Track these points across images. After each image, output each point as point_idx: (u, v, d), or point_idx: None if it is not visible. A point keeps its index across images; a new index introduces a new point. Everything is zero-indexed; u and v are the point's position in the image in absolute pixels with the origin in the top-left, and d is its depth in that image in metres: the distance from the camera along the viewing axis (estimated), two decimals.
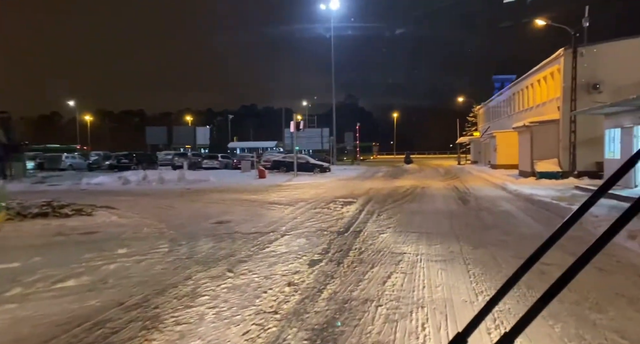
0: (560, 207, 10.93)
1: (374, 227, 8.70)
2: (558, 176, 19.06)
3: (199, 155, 35.82)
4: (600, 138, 19.00)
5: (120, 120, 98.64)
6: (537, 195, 13.79)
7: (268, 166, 31.07)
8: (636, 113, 12.74)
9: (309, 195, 15.67)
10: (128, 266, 5.70)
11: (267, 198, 14.53)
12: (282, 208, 11.86)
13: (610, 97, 17.48)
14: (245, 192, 16.86)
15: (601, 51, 18.68)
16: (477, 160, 41.28)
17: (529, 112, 25.19)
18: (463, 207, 11.85)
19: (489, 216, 10.04)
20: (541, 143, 20.30)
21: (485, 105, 42.30)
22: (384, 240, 7.36)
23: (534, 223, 9.15)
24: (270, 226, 9.02)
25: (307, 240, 7.45)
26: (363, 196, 14.71)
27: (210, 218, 10.21)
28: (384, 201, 13.13)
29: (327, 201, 13.19)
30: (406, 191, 16.64)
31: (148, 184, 21.18)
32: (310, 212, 11.00)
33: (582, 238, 6.48)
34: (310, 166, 29.45)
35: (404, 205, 12.39)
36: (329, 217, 10.10)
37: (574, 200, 12.44)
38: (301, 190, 17.58)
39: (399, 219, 9.72)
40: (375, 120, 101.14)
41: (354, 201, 13.26)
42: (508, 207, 11.80)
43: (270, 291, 4.57)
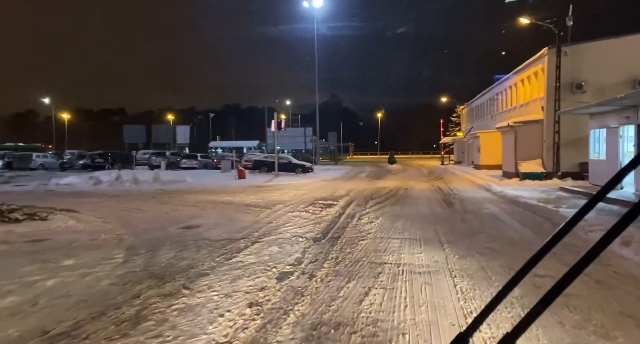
0: (547, 210, 10.54)
1: (353, 233, 8.11)
2: (542, 177, 18.84)
3: (178, 155, 34.72)
4: (584, 138, 18.84)
5: (100, 119, 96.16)
6: (522, 196, 13.43)
7: (249, 166, 30.29)
8: (622, 113, 12.46)
9: (289, 196, 15.03)
10: (69, 281, 4.97)
11: (244, 200, 13.83)
12: (258, 211, 11.19)
13: (594, 97, 17.30)
14: (222, 194, 16.11)
15: (585, 51, 18.52)
16: (460, 160, 41.21)
17: (513, 112, 25.03)
18: (447, 210, 11.37)
19: (474, 220, 9.56)
20: (525, 144, 20.07)
21: (469, 105, 42.28)
22: (364, 248, 6.77)
23: (522, 228, 8.69)
24: (242, 231, 8.36)
25: (280, 248, 6.81)
26: (344, 198, 14.14)
27: (179, 222, 9.48)
28: (365, 204, 12.57)
29: (307, 204, 12.57)
30: (389, 192, 16.13)
31: (121, 185, 20.21)
32: (287, 216, 10.36)
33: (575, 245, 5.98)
34: (292, 166, 28.77)
35: (386, 207, 11.85)
36: (307, 221, 9.48)
37: (560, 201, 12.10)
38: (281, 192, 16.92)
39: (380, 223, 9.16)
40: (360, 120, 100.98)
41: (335, 203, 12.67)
42: (493, 210, 11.37)
43: (228, 315, 3.92)
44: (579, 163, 18.74)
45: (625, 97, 10.58)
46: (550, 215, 9.92)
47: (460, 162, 40.85)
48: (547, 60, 18.94)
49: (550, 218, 9.65)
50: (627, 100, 10.89)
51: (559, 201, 12.10)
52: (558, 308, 4.01)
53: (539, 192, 14.94)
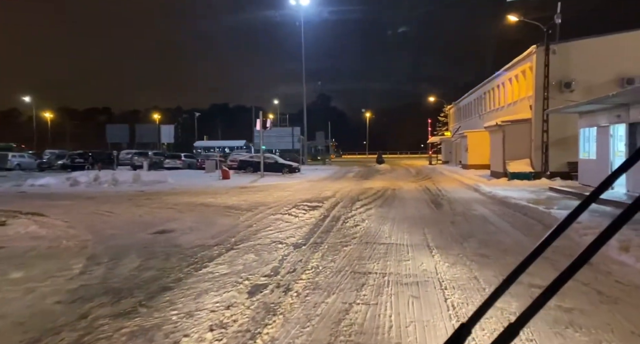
0: (539, 211, 10.18)
1: (337, 238, 7.61)
2: (530, 177, 18.61)
3: (161, 155, 33.84)
4: (572, 138, 18.66)
5: (85, 118, 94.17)
6: (511, 197, 13.09)
7: (234, 166, 29.64)
8: (612, 111, 12.19)
9: (273, 198, 14.48)
10: (10, 299, 4.37)
11: (226, 202, 13.24)
12: (238, 214, 10.63)
13: (583, 96, 17.10)
14: (204, 195, 15.49)
15: (573, 49, 18.32)
16: (448, 160, 41.07)
17: (500, 111, 24.83)
18: (436, 212, 10.94)
19: (464, 223, 9.14)
20: (513, 143, 19.83)
21: (456, 104, 42.16)
22: (347, 255, 6.27)
23: (514, 231, 8.29)
24: (219, 237, 7.80)
25: (257, 255, 6.28)
26: (330, 199, 13.64)
27: (152, 226, 8.88)
28: (351, 205, 12.09)
29: (291, 206, 12.04)
30: (376, 193, 15.69)
31: (99, 186, 19.43)
32: (268, 219, 9.82)
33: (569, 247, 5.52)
34: (278, 166, 28.20)
35: (373, 209, 11.38)
36: (289, 225, 8.96)
37: (550, 202, 11.78)
38: (265, 193, 16.36)
39: (366, 227, 8.67)
40: (348, 120, 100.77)
41: (320, 205, 12.17)
42: (483, 211, 10.98)
43: (185, 341, 3.37)
44: (568, 162, 18.54)
45: (617, 95, 10.27)
46: (542, 216, 9.55)
47: (448, 162, 40.71)
48: (536, 59, 18.70)
49: (542, 220, 9.27)
50: (619, 98, 10.59)
51: (549, 202, 11.77)
52: (562, 327, 3.56)
53: (529, 192, 14.64)
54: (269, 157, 29.13)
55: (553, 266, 4.74)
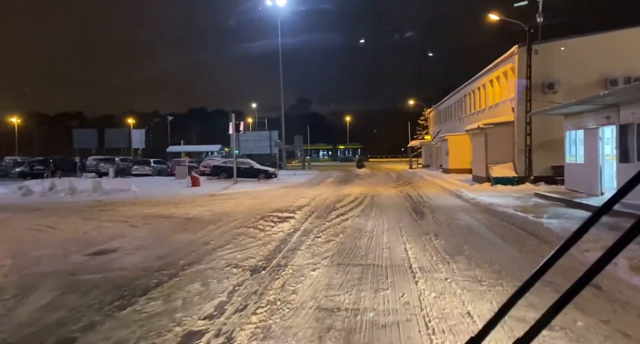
0: (529, 221, 9.32)
1: (305, 258, 6.52)
2: (514, 181, 17.94)
3: (129, 160, 32.10)
4: (557, 141, 18.06)
5: (56, 124, 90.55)
6: (497, 204, 12.27)
7: (207, 172, 28.28)
8: (601, 112, 11.52)
9: (242, 207, 13.32)
10: None
11: (189, 213, 12.01)
12: (198, 228, 9.45)
13: (566, 97, 16.54)
14: (167, 205, 14.20)
15: (556, 49, 17.80)
16: (428, 164, 40.55)
17: (481, 114, 24.26)
18: (418, 222, 9.98)
19: (449, 237, 8.18)
20: (496, 147, 19.17)
21: (436, 108, 41.76)
22: (314, 283, 5.19)
23: (505, 246, 7.37)
24: (166, 258, 6.63)
25: (203, 285, 5.14)
26: (304, 209, 12.57)
27: (92, 245, 7.62)
28: (326, 216, 11.04)
29: (260, 217, 10.91)
30: (354, 200, 14.69)
31: (55, 195, 17.85)
32: (231, 233, 8.67)
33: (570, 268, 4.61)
34: (254, 171, 26.98)
35: (349, 220, 10.35)
36: (252, 241, 7.83)
37: (539, 210, 10.99)
38: (235, 201, 15.17)
39: (340, 243, 7.62)
40: (329, 124, 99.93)
41: (292, 215, 11.07)
42: (469, 221, 10.07)
43: None
44: (552, 166, 17.95)
45: (608, 94, 9.55)
46: (534, 227, 8.68)
47: (428, 166, 40.18)
48: (518, 59, 18.11)
49: (534, 231, 8.40)
50: (610, 97, 9.88)
51: (538, 210, 10.97)
52: None
53: (514, 199, 13.89)
54: (244, 162, 27.86)
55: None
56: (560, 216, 9.96)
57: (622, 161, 10.47)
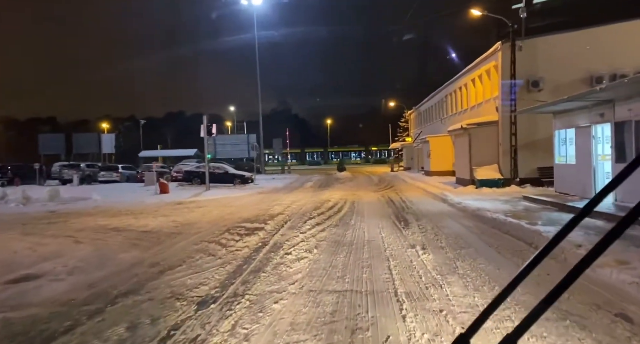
0: (523, 229, 8.42)
1: (269, 283, 5.40)
2: (499, 184, 17.20)
3: (95, 166, 30.29)
4: (543, 141, 17.43)
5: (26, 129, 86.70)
6: (485, 209, 11.40)
7: (179, 177, 26.86)
8: (594, 109, 10.77)
9: (210, 217, 12.10)
10: None
11: (147, 225, 10.73)
12: (153, 243, 8.23)
13: (551, 95, 15.90)
14: (126, 215, 12.86)
15: (540, 45, 17.18)
16: (410, 166, 39.89)
17: (464, 114, 23.58)
18: (402, 232, 8.97)
19: (439, 251, 7.18)
20: (480, 148, 18.43)
21: (417, 109, 41.18)
22: (274, 322, 4.07)
23: (504, 261, 6.40)
24: (100, 285, 5.43)
25: (130, 328, 3.96)
26: (278, 217, 11.44)
27: (15, 269, 6.31)
28: (302, 226, 9.94)
29: (226, 228, 9.74)
30: (333, 206, 13.63)
31: (5, 205, 16.24)
32: (188, 250, 7.48)
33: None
34: (229, 177, 25.68)
35: (326, 230, 9.27)
36: (210, 261, 6.66)
37: (531, 215, 10.14)
38: (203, 210, 13.92)
39: (314, 261, 6.53)
40: (310, 127, 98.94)
41: (263, 226, 9.92)
42: (458, 230, 9.12)
43: None
44: (538, 168, 17.30)
45: (605, 89, 8.76)
46: (531, 237, 7.77)
47: (409, 168, 39.51)
48: (501, 56, 17.42)
49: (532, 241, 7.48)
50: (606, 93, 9.10)
51: (530, 216, 10.12)
52: None
53: (502, 202, 13.06)
54: (218, 166, 26.53)
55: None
56: (555, 222, 9.10)
57: (619, 161, 9.71)
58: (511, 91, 16.95)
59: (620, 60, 16.14)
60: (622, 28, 16.44)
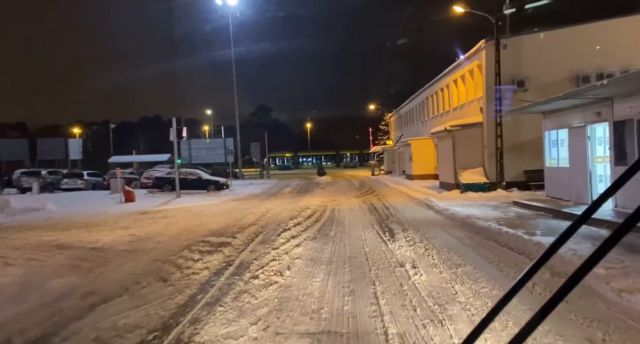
0: (523, 241, 7.52)
1: (225, 322, 4.28)
2: (485, 188, 16.45)
3: (58, 173, 28.36)
4: (529, 143, 16.78)
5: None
6: (475, 217, 10.52)
7: (150, 184, 25.34)
8: (589, 108, 10.04)
9: (174, 229, 10.86)
10: None
11: (100, 240, 9.43)
12: (98, 264, 6.99)
13: (536, 95, 15.26)
14: (80, 228, 11.48)
15: (525, 43, 16.57)
16: (391, 170, 39.18)
17: (446, 116, 22.90)
18: (389, 245, 7.96)
19: (432, 270, 6.19)
20: (464, 150, 17.68)
21: (397, 112, 40.59)
22: None
23: (509, 281, 5.42)
24: (2, 329, 4.20)
25: None
26: (250, 229, 10.29)
27: None
28: (275, 239, 8.82)
29: (187, 244, 8.54)
30: (312, 215, 12.56)
31: None
32: (136, 274, 6.28)
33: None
34: (203, 183, 24.33)
35: (302, 245, 8.18)
36: (159, 289, 5.49)
37: (526, 224, 9.29)
38: (169, 220, 12.64)
39: (284, 288, 5.43)
40: (290, 131, 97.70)
41: (231, 241, 8.76)
42: (450, 242, 8.16)
43: None
44: (524, 171, 16.65)
45: (608, 84, 7.98)
46: (533, 249, 6.86)
47: (391, 172, 38.79)
48: (485, 55, 16.74)
49: (535, 256, 6.55)
50: (606, 89, 8.33)
51: (526, 224, 9.27)
52: None
53: (491, 208, 12.24)
54: (191, 172, 25.14)
55: None
56: (555, 231, 8.25)
57: (619, 163, 8.96)
58: (496, 91, 16.26)
59: (607, 59, 15.65)
60: (608, 26, 15.97)
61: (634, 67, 14.42)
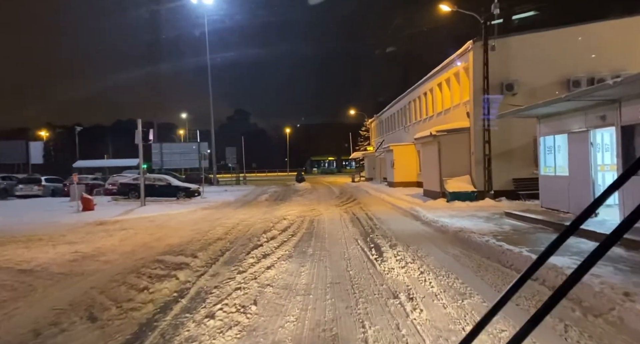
0: (528, 260, 6.46)
1: None
2: (473, 197, 15.54)
3: (13, 179, 26.20)
4: (518, 149, 16.02)
5: None
6: (468, 230, 9.49)
7: (114, 190, 23.57)
8: (592, 111, 9.19)
9: (128, 244, 9.44)
10: None
11: (36, 259, 7.95)
12: (14, 295, 5.58)
13: (526, 99, 14.52)
14: (18, 243, 9.91)
15: (514, 45, 15.83)
16: (372, 176, 38.26)
17: (429, 121, 22.06)
18: (377, 267, 6.79)
19: (433, 304, 5.04)
20: (451, 157, 16.78)
21: (378, 117, 39.80)
22: None
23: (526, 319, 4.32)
24: None
25: None
26: (215, 245, 8.97)
27: None
28: (243, 260, 7.53)
29: (137, 265, 7.17)
30: (288, 228, 11.30)
31: None
32: (59, 309, 4.92)
33: None
34: (172, 190, 22.72)
35: (275, 267, 6.93)
36: (78, 336, 4.16)
37: (529, 239, 8.29)
38: (126, 233, 11.17)
39: (248, 330, 4.17)
40: (269, 137, 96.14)
41: (190, 261, 7.43)
42: (446, 261, 7.06)
43: None
44: (513, 179, 15.84)
45: (621, 83, 7.07)
46: (549, 275, 5.80)
47: (371, 179, 37.87)
48: (472, 56, 15.93)
49: (554, 284, 5.50)
50: (618, 88, 7.44)
51: (527, 239, 8.27)
52: None
53: (483, 220, 11.26)
54: (160, 178, 23.51)
55: None
56: (565, 250, 7.24)
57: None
58: (484, 94, 15.43)
59: (598, 63, 15.05)
60: (599, 28, 15.40)
61: (626, 71, 13.81)
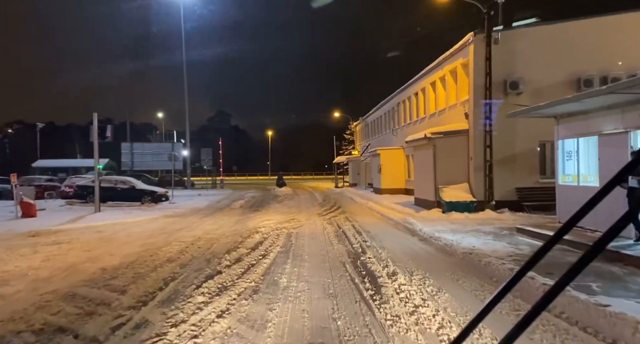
0: (580, 303, 4.66)
1: None
2: (472, 207, 13.83)
3: None
4: (522, 155, 14.41)
5: None
6: (481, 251, 7.72)
7: (71, 194, 21.13)
8: (631, 109, 7.55)
9: (51, 267, 7.33)
10: None
11: None
12: None
13: (532, 99, 12.97)
14: None
15: (519, 38, 14.25)
16: (356, 182, 36.48)
17: (420, 123, 20.39)
18: (375, 314, 4.88)
19: None
20: (447, 162, 15.07)
21: (364, 120, 38.12)
22: None
23: None
24: None
25: None
26: (162, 270, 6.93)
27: None
28: (190, 295, 5.52)
29: (38, 305, 5.11)
30: (260, 244, 9.31)
31: None
32: None
33: None
34: (136, 193, 20.44)
35: (232, 309, 4.94)
36: None
37: (561, 267, 6.50)
38: (59, 249, 9.00)
39: None
40: (251, 139, 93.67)
41: (114, 298, 5.38)
42: (470, 303, 5.19)
43: None
44: (517, 188, 14.20)
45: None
46: (624, 335, 3.99)
47: (356, 184, 36.08)
48: (473, 50, 14.28)
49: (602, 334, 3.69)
50: None
51: (560, 267, 6.48)
52: None
53: (492, 237, 9.50)
54: (124, 180, 21.20)
55: None
56: (623, 288, 5.48)
57: None
58: (486, 93, 13.79)
59: (612, 60, 13.58)
60: (615, 21, 13.94)
61: None
